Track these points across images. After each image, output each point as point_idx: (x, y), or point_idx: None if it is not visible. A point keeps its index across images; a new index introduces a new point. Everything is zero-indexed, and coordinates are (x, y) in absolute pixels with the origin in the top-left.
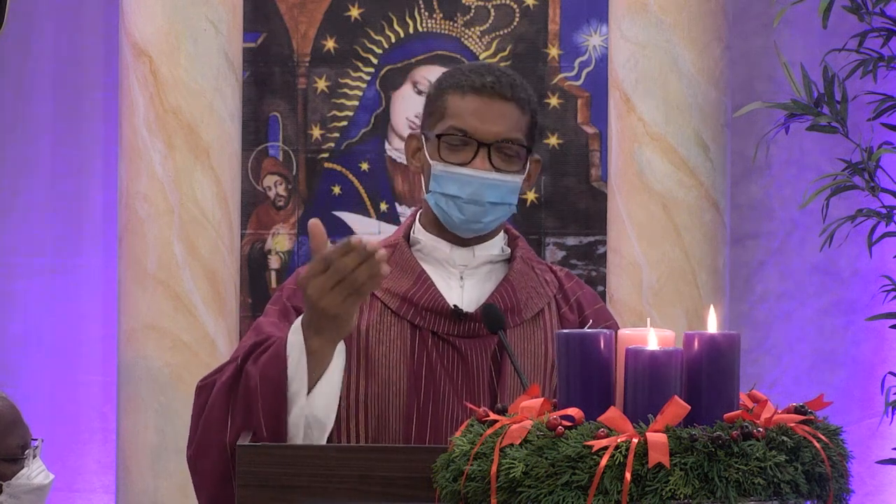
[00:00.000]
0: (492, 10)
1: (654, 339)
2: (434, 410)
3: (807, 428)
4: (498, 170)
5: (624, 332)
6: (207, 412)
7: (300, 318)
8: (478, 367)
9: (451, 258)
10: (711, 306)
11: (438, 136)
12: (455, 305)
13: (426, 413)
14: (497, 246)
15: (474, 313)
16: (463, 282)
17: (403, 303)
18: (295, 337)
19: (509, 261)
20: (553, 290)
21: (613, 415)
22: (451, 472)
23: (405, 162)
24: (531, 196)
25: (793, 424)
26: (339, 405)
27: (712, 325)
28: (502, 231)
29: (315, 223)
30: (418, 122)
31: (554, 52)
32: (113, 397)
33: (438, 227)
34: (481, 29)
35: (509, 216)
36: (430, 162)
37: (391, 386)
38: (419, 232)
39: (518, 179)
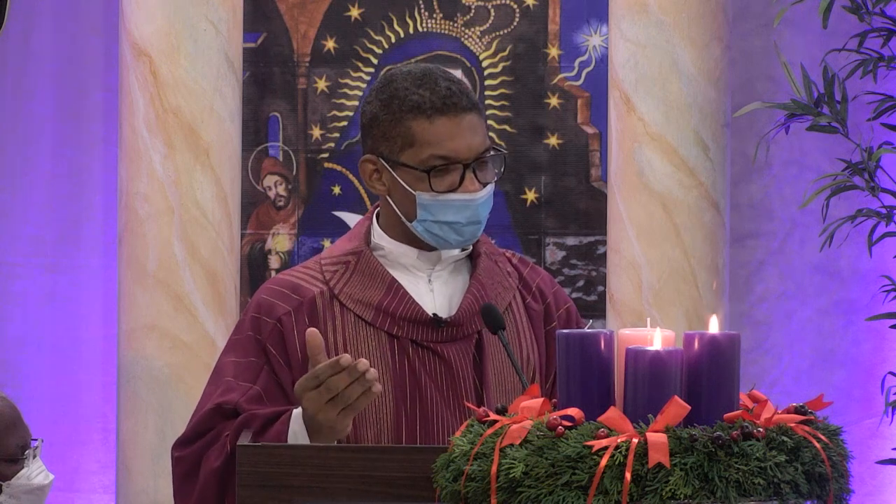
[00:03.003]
0: (492, 10)
1: (658, 338)
2: (423, 418)
3: (807, 428)
4: (484, 183)
5: (624, 332)
6: (200, 494)
7: (299, 414)
8: (461, 371)
9: (417, 263)
10: (714, 316)
11: (427, 171)
12: (434, 314)
13: (414, 421)
14: None
15: (452, 318)
16: (432, 285)
17: (378, 313)
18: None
19: (470, 256)
20: (515, 281)
21: (613, 415)
22: (452, 472)
23: None
24: (531, 196)
25: (793, 424)
26: None
27: (714, 330)
28: None
29: (312, 333)
30: None
31: (554, 52)
32: (113, 397)
33: (403, 233)
34: (481, 29)
35: None
36: (414, 192)
37: (377, 398)
38: (381, 238)
39: (494, 186)
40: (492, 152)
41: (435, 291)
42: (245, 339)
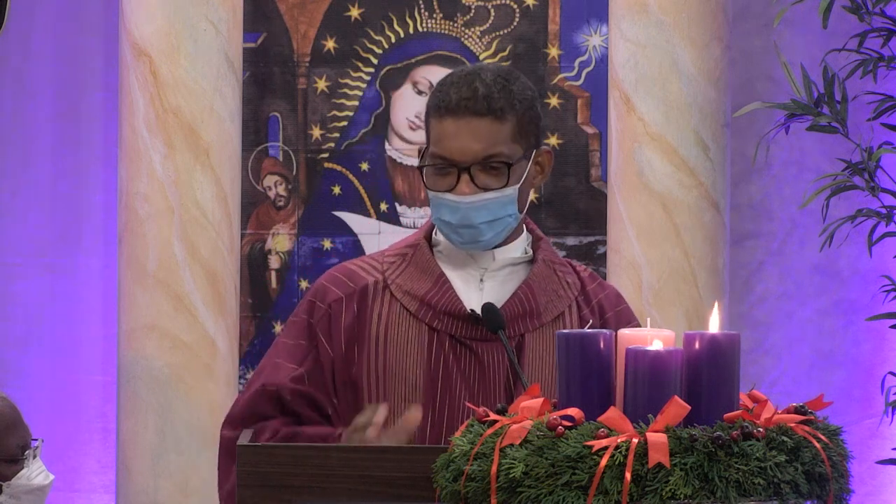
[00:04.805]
0: (492, 10)
1: (657, 341)
2: (450, 413)
3: (807, 428)
4: (484, 188)
5: (624, 332)
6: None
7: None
8: (494, 371)
9: (470, 261)
10: (716, 304)
11: (420, 168)
12: (472, 310)
13: (442, 416)
14: (519, 248)
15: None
16: (483, 284)
17: (422, 305)
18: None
19: (532, 262)
20: (575, 293)
21: (613, 415)
22: (452, 472)
23: (405, 162)
24: (531, 196)
25: (793, 424)
26: (359, 405)
27: (714, 323)
28: (525, 232)
29: (415, 419)
30: (419, 122)
31: (554, 52)
32: (113, 397)
33: None
34: (481, 29)
35: (515, 224)
36: (425, 187)
37: (407, 388)
38: (440, 233)
39: (508, 192)
40: (499, 161)
41: (484, 290)
42: (299, 321)
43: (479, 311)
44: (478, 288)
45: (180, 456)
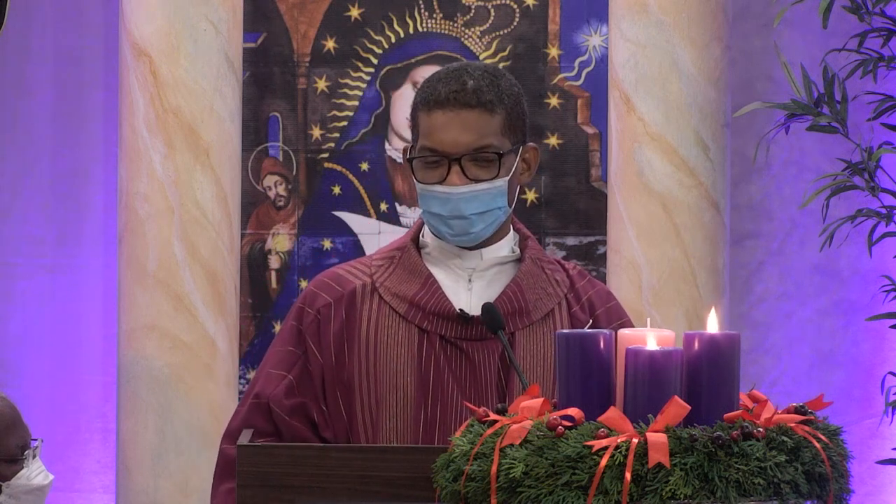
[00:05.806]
0: (492, 10)
1: (656, 339)
2: (442, 414)
3: (807, 428)
4: (475, 180)
5: (624, 332)
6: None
7: None
8: (485, 371)
9: (459, 261)
10: (713, 308)
11: (410, 161)
12: (461, 310)
13: (434, 417)
14: (506, 247)
15: (480, 317)
16: (471, 284)
17: (411, 307)
18: None
19: (520, 261)
20: (564, 290)
21: (613, 415)
22: (452, 472)
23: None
24: (531, 196)
25: (793, 424)
26: (351, 409)
27: (712, 327)
28: (512, 231)
29: None
30: None
31: (554, 52)
32: (113, 397)
33: None
34: (481, 29)
35: (505, 217)
36: (415, 181)
37: (399, 390)
38: (427, 235)
39: (499, 183)
40: (490, 152)
41: (473, 291)
42: (289, 328)
43: (468, 311)
44: (466, 288)
45: (180, 456)
